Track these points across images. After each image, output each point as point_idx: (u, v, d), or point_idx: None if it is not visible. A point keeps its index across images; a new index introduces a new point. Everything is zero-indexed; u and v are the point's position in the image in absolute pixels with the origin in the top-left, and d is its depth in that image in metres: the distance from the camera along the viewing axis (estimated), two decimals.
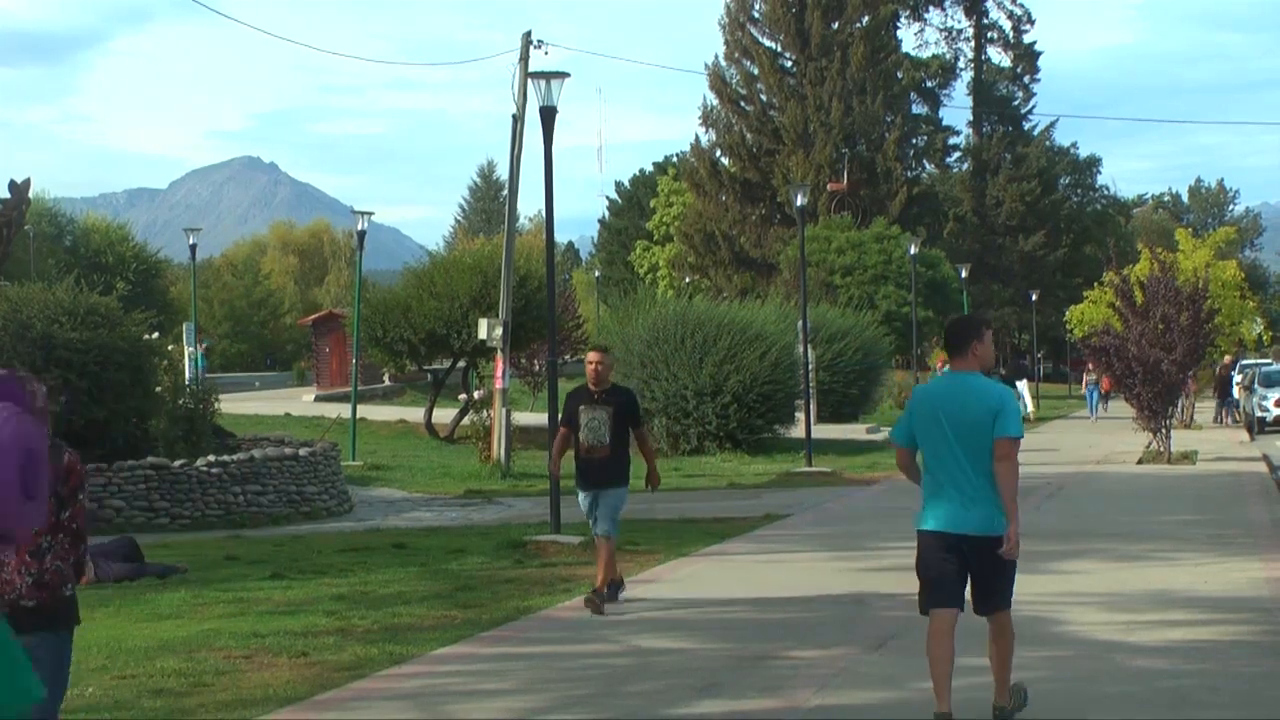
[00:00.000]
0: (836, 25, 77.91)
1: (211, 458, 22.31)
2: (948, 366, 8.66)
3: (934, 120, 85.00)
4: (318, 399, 49.07)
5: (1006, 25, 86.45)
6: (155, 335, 24.43)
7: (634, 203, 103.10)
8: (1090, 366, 38.83)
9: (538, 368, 46.62)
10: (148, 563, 15.85)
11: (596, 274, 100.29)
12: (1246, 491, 23.90)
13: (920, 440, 8.54)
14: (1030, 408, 53.31)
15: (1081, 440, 39.06)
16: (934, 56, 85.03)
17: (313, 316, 64.71)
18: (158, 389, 23.35)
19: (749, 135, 79.38)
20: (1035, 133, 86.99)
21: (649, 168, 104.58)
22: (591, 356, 13.12)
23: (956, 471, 8.33)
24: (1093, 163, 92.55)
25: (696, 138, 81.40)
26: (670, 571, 15.44)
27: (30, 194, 22.33)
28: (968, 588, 8.46)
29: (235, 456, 22.69)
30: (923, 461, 8.60)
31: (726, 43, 79.88)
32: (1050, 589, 13.21)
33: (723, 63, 79.84)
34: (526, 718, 9.10)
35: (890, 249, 65.49)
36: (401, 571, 15.44)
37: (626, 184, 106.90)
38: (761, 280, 72.50)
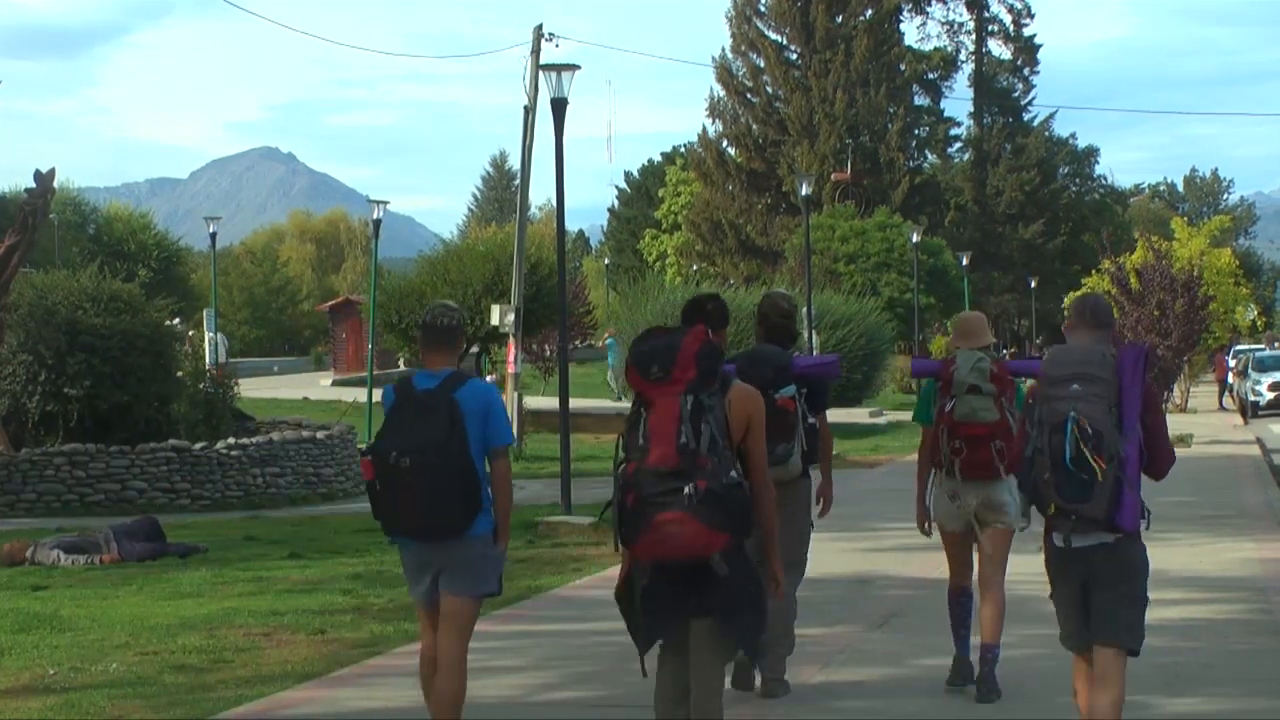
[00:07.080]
0: (840, 19, 78.01)
1: (231, 440, 22.70)
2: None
3: (936, 111, 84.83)
4: (335, 383, 49.44)
5: (1007, 19, 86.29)
6: (177, 321, 24.83)
7: (643, 192, 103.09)
8: None
9: (549, 353, 46.85)
10: (169, 542, 16.10)
11: (606, 262, 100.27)
12: (1240, 474, 24.12)
13: None
14: None
15: None
16: (936, 49, 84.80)
17: (330, 303, 65.08)
18: (179, 373, 23.77)
19: (755, 126, 79.50)
20: (1035, 124, 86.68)
21: (657, 158, 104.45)
22: None
23: None
24: (1091, 153, 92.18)
25: (704, 129, 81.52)
26: None
27: (55, 183, 22.88)
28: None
29: (254, 439, 23.09)
30: None
31: (733, 36, 79.98)
32: None
33: (729, 55, 79.94)
34: (539, 695, 9.31)
35: (893, 237, 65.56)
36: None
37: (635, 174, 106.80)
38: (767, 268, 72.69)
